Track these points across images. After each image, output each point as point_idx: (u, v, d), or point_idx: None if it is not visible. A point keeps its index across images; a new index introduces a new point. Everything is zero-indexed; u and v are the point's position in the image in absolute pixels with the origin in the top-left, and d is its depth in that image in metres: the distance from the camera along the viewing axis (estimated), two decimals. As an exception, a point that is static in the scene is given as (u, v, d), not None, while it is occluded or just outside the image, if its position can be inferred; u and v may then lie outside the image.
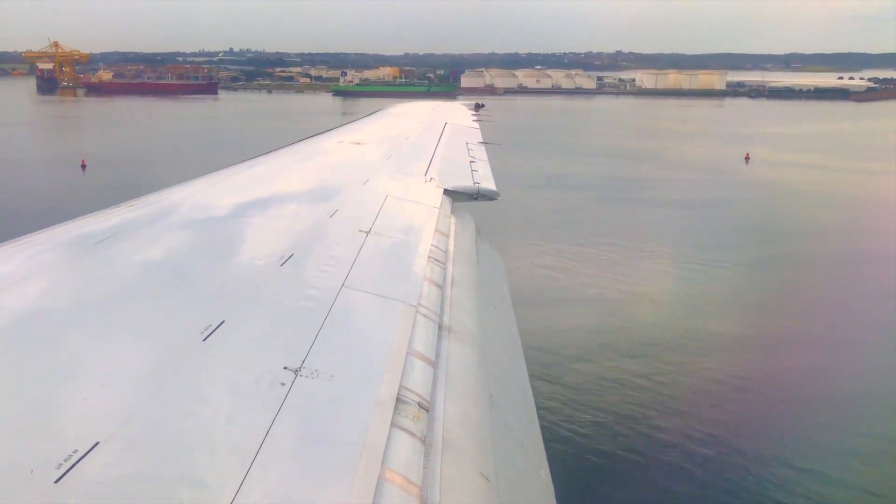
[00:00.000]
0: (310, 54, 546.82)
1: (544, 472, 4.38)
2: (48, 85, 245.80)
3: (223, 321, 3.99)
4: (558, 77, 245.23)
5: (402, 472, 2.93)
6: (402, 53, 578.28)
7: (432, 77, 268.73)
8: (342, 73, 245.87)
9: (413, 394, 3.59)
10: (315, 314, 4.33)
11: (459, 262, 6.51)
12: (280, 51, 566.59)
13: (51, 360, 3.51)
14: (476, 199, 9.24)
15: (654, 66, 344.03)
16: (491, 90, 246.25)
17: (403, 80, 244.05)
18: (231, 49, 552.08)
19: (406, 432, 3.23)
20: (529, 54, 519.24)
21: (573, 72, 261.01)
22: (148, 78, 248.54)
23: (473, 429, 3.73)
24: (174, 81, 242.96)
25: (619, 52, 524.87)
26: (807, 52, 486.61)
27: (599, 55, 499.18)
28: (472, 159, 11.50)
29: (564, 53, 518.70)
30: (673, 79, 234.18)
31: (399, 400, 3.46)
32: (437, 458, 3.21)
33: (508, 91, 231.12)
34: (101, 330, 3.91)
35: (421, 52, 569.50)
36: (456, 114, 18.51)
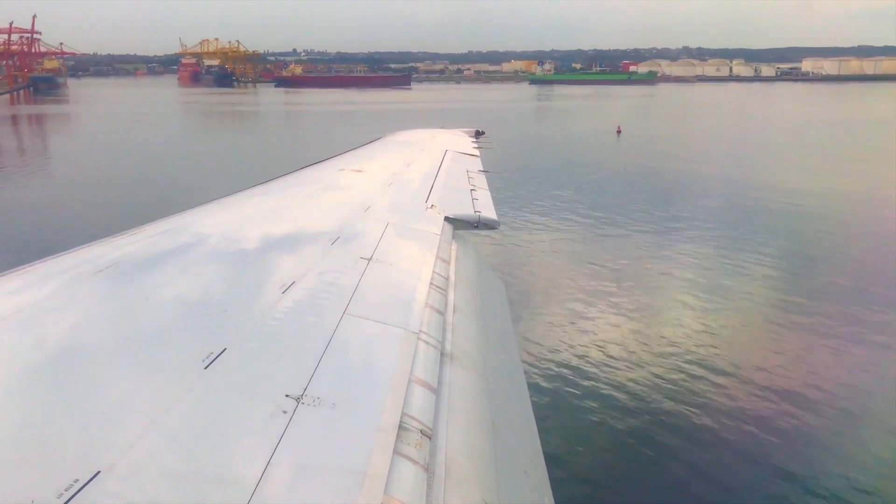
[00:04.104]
0: (378, 53, 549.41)
1: (548, 500, 4.35)
2: (226, 80, 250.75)
3: (225, 349, 4.01)
4: (733, 66, 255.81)
5: (405, 501, 2.91)
6: (465, 51, 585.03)
7: (578, 66, 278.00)
8: (539, 62, 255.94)
9: (415, 421, 3.58)
10: (317, 341, 4.34)
11: (461, 288, 6.52)
12: (341, 51, 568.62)
13: (51, 388, 3.52)
14: (477, 227, 9.10)
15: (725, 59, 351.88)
16: (675, 79, 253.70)
17: (597, 69, 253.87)
18: (294, 50, 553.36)
19: (408, 460, 3.22)
20: (595, 50, 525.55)
21: (735, 61, 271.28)
22: (337, 72, 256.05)
23: (476, 456, 3.72)
24: (364, 74, 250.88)
25: (685, 48, 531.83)
26: (876, 44, 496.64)
27: (666, 51, 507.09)
28: (472, 187, 11.51)
29: (636, 49, 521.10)
30: (857, 65, 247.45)
31: (401, 427, 3.45)
32: (440, 486, 3.20)
33: (700, 78, 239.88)
34: (102, 358, 3.91)
35: (484, 50, 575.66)
36: (456, 141, 18.45)
